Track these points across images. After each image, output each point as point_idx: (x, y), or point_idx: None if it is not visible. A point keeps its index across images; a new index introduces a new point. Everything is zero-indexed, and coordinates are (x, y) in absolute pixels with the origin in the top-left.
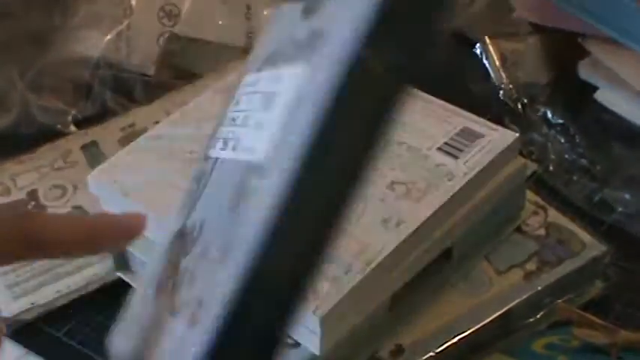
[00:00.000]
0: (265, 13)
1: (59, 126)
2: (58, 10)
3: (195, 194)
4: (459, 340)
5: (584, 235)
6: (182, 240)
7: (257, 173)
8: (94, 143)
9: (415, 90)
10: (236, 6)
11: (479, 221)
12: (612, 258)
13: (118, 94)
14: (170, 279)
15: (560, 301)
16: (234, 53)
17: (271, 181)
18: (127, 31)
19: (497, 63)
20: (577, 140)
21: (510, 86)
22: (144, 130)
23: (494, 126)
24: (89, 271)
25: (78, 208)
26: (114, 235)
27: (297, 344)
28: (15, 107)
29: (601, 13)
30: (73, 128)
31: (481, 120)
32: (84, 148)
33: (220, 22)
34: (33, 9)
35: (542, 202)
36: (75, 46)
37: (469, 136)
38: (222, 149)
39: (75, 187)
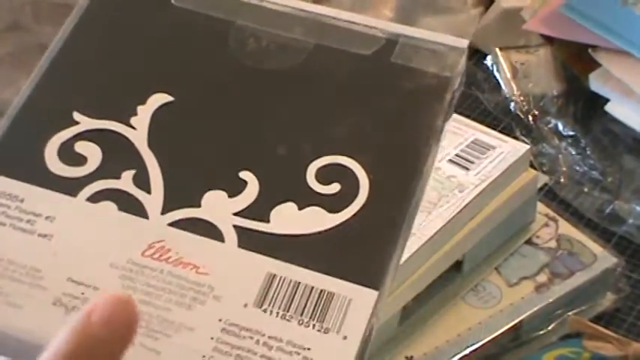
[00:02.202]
0: None
1: None
2: None
3: None
4: (470, 352)
5: (595, 247)
6: None
7: None
8: None
9: None
10: None
11: (489, 233)
12: (623, 270)
13: None
14: None
15: (571, 313)
16: None
17: None
18: None
19: (508, 75)
20: (588, 152)
21: (521, 98)
22: None
23: (505, 138)
24: None
25: None
26: None
27: None
28: None
29: (612, 25)
30: None
31: (492, 132)
32: None
33: None
34: (43, 21)
35: (553, 214)
36: None
37: (480, 147)
38: None
39: None
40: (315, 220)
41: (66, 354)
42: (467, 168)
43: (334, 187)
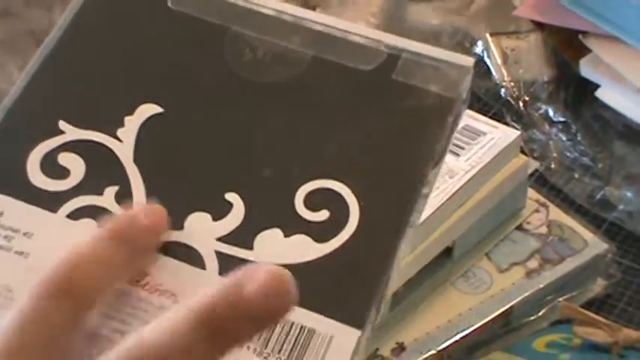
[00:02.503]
0: None
1: None
2: (59, 8)
3: None
4: (461, 338)
5: (586, 233)
6: None
7: None
8: None
9: None
10: None
11: (480, 219)
12: (614, 256)
13: None
14: None
15: (561, 299)
16: None
17: None
18: None
19: (499, 60)
20: (578, 138)
21: (512, 84)
22: None
23: (495, 124)
24: None
25: None
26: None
27: None
28: None
29: (602, 11)
30: None
31: (482, 118)
32: None
33: None
34: (33, 7)
35: (543, 200)
36: None
37: (470, 133)
38: None
39: None
40: (300, 250)
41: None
42: (457, 154)
43: (323, 215)
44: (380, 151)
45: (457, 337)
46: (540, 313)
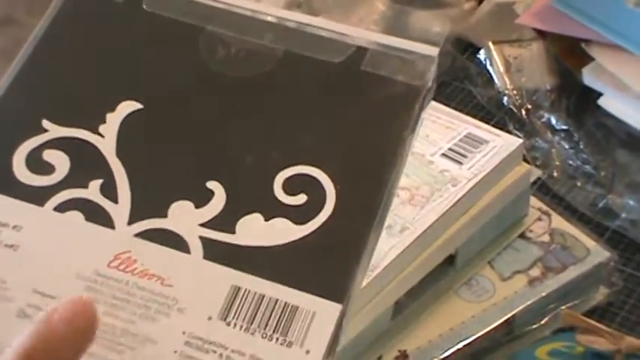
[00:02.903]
0: None
1: None
2: None
3: None
4: (463, 346)
5: (588, 241)
6: None
7: None
8: None
9: None
10: None
11: (483, 227)
12: (616, 264)
13: None
14: None
15: (564, 307)
16: None
17: None
18: None
19: (501, 69)
20: (581, 146)
21: (514, 92)
22: None
23: (498, 132)
24: None
25: None
26: None
27: None
28: None
29: (604, 19)
30: None
31: (485, 126)
32: None
33: None
34: (36, 15)
35: (546, 208)
36: None
37: (473, 142)
38: None
39: None
40: (281, 232)
41: (29, 348)
42: (460, 162)
43: (301, 198)
44: (352, 137)
45: (460, 346)
46: (543, 322)
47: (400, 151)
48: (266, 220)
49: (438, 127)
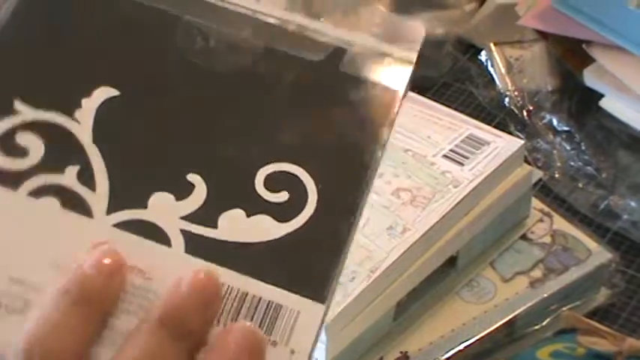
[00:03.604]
0: None
1: None
2: None
3: None
4: (465, 347)
5: (590, 243)
6: None
7: None
8: None
9: (421, 97)
10: None
11: (484, 229)
12: (618, 265)
13: None
14: None
15: (565, 308)
16: None
17: None
18: None
19: (503, 70)
20: (582, 147)
21: (516, 93)
22: None
23: (499, 133)
24: None
25: None
26: None
27: None
28: None
29: (606, 20)
30: None
31: (486, 127)
32: None
33: None
34: None
35: (547, 210)
36: None
37: (474, 143)
38: None
39: None
40: (263, 229)
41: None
42: (461, 163)
43: (283, 196)
44: (331, 137)
45: (461, 347)
46: (544, 323)
47: (377, 152)
48: (248, 216)
49: (440, 129)
